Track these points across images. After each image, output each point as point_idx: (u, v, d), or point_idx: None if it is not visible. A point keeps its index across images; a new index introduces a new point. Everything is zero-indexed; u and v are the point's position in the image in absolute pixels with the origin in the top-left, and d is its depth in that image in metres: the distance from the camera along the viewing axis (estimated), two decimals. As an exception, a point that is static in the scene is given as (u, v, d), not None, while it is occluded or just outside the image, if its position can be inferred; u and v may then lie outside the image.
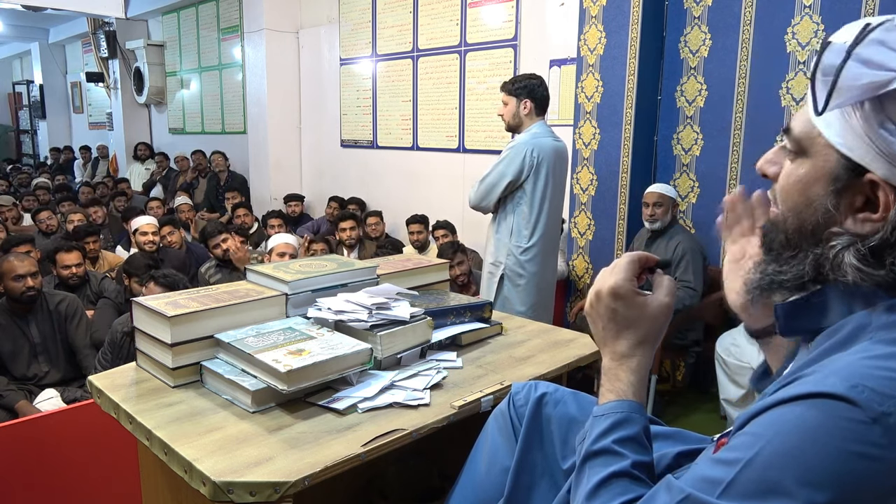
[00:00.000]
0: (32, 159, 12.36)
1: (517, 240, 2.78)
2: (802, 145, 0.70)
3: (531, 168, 2.71)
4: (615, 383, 0.82)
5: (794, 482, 0.57)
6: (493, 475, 1.10)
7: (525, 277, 2.80)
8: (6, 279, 2.80)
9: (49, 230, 5.01)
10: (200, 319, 1.29)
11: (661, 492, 0.67)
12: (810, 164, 0.69)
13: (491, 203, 2.80)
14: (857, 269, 0.65)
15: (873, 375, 0.58)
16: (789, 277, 0.71)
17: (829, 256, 0.67)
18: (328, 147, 5.92)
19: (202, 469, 0.98)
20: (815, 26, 2.91)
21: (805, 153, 0.70)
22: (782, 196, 0.73)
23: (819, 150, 0.68)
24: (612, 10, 3.37)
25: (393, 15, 5.06)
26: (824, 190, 0.67)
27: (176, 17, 7.95)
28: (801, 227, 0.70)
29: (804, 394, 0.60)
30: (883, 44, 0.62)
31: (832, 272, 0.67)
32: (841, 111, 0.65)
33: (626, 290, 0.83)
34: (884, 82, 0.61)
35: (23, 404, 2.61)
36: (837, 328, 0.68)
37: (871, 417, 0.56)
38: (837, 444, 0.57)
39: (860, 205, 0.66)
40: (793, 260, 0.71)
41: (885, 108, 0.63)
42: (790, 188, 0.71)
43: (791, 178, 0.71)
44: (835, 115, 0.65)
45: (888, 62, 0.61)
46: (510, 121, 2.83)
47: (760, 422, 0.63)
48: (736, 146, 3.25)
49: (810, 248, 0.69)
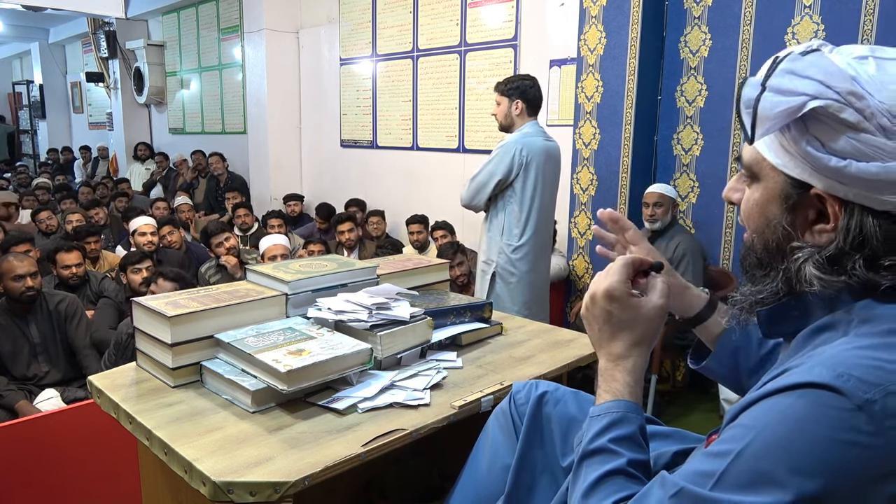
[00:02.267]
0: (32, 159, 12.37)
1: (508, 238, 2.80)
2: (753, 171, 0.75)
3: (520, 167, 2.73)
4: (611, 384, 0.83)
5: (785, 471, 0.59)
6: (494, 473, 1.11)
7: (516, 276, 2.81)
8: (6, 279, 2.80)
9: (49, 230, 5.01)
10: (200, 319, 1.29)
11: (656, 487, 0.68)
12: (763, 187, 0.74)
13: (481, 202, 2.82)
14: (819, 279, 0.68)
15: (858, 364, 0.60)
16: (766, 295, 0.75)
17: (794, 269, 0.71)
18: (328, 147, 5.92)
19: (202, 469, 0.98)
20: (815, 26, 2.91)
21: (757, 178, 0.75)
22: (746, 220, 0.78)
23: (767, 174, 0.73)
24: (612, 10, 3.37)
25: (393, 15, 5.06)
26: (779, 209, 0.72)
27: (176, 17, 7.95)
28: (766, 246, 0.75)
29: (792, 384, 0.62)
30: (792, 72, 0.68)
31: (799, 284, 0.71)
32: (774, 135, 0.70)
33: (621, 293, 0.84)
34: (798, 106, 0.66)
35: (23, 404, 2.60)
36: (822, 325, 0.71)
37: (856, 405, 0.58)
38: (825, 433, 0.58)
39: (814, 217, 0.71)
40: (766, 279, 0.75)
41: (808, 127, 0.68)
42: (750, 211, 0.76)
43: (750, 202, 0.76)
44: (771, 139, 0.71)
45: (799, 88, 0.66)
46: (502, 121, 2.87)
47: (750, 414, 0.64)
48: (736, 146, 3.25)
49: (778, 265, 0.73)
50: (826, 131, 0.66)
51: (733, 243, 3.34)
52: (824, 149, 0.67)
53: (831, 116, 0.65)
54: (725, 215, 3.34)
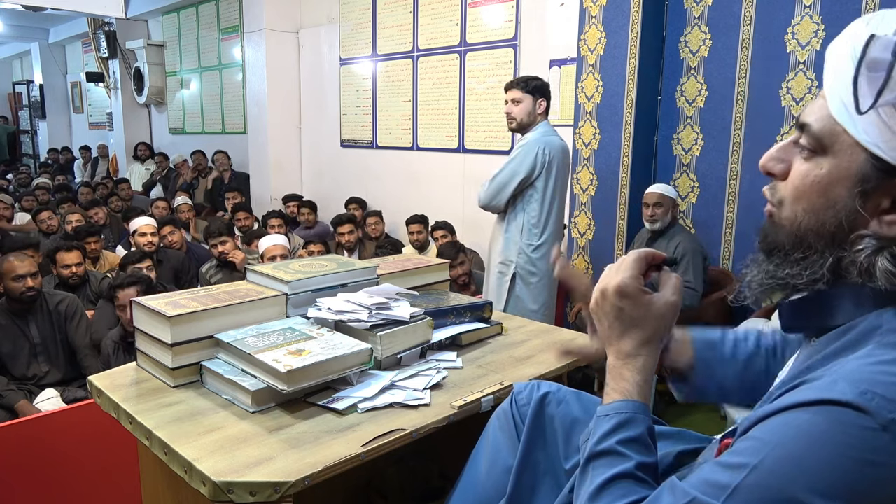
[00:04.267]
0: (32, 159, 12.36)
1: (528, 238, 2.80)
2: (824, 143, 0.66)
3: (543, 165, 2.74)
4: (620, 383, 0.81)
5: (804, 491, 0.56)
6: (495, 475, 1.10)
7: (537, 276, 2.81)
8: (6, 279, 2.80)
9: (49, 230, 5.02)
10: (200, 319, 1.29)
11: (665, 494, 0.66)
12: (832, 164, 0.65)
13: (502, 202, 2.81)
14: (891, 273, 0.63)
15: (883, 382, 0.57)
16: (805, 280, 0.68)
17: (858, 260, 0.64)
18: (328, 147, 5.92)
19: (202, 469, 0.98)
20: (815, 26, 2.91)
21: (825, 151, 0.66)
22: (795, 196, 0.69)
23: (843, 149, 0.64)
24: (612, 10, 3.37)
25: (393, 15, 5.06)
26: (849, 191, 0.64)
27: (176, 17, 7.95)
28: (820, 228, 0.67)
29: (812, 400, 0.59)
30: None
31: (860, 276, 0.64)
32: (874, 109, 0.61)
33: (633, 289, 0.81)
34: None
35: (23, 404, 2.61)
36: (847, 328, 0.67)
37: (880, 425, 0.55)
38: (847, 453, 0.56)
39: (887, 207, 0.64)
40: (804, 261, 0.68)
41: None
42: (807, 188, 0.68)
43: (808, 177, 0.67)
44: (868, 113, 0.62)
45: None
46: (523, 119, 2.82)
47: (766, 427, 0.61)
48: (736, 146, 3.25)
49: (827, 250, 0.67)
50: None
51: (733, 243, 3.34)
52: None
53: None
54: (725, 215, 3.34)
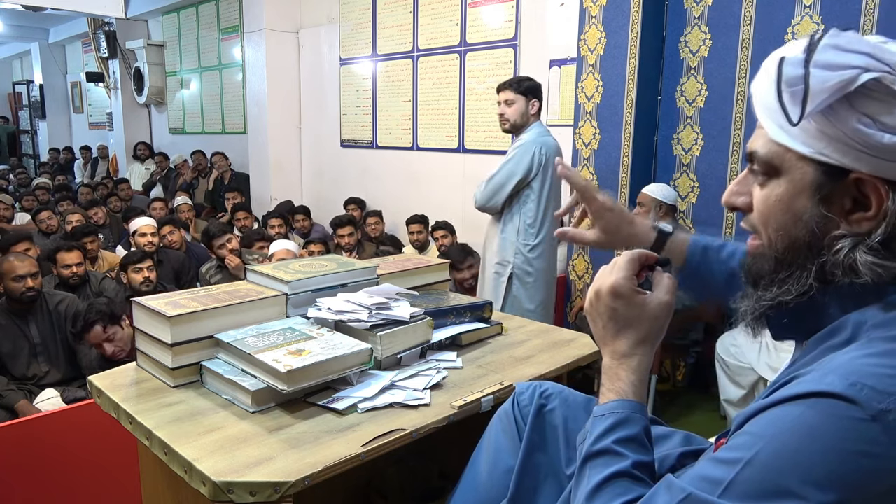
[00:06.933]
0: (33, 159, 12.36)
1: (525, 238, 2.81)
2: (773, 164, 0.70)
3: (540, 166, 2.75)
4: (616, 383, 0.81)
5: (798, 483, 0.57)
6: (496, 476, 1.09)
7: (533, 275, 2.83)
8: (6, 279, 2.80)
9: (49, 230, 5.02)
10: (200, 319, 1.29)
11: (662, 491, 0.66)
12: (787, 180, 0.69)
13: (499, 203, 2.82)
14: (874, 265, 0.64)
15: (872, 373, 0.59)
16: (794, 295, 0.70)
17: (838, 260, 0.66)
18: (328, 147, 5.92)
19: (202, 469, 0.98)
20: (815, 26, 2.90)
21: (778, 172, 0.70)
22: (763, 220, 0.72)
23: (793, 165, 0.68)
24: (612, 10, 3.37)
25: (393, 15, 5.06)
26: (810, 201, 0.68)
27: (176, 17, 7.94)
28: (794, 244, 0.69)
29: (803, 393, 0.60)
30: (837, 47, 0.64)
31: (845, 275, 0.66)
32: (807, 121, 0.65)
33: (626, 289, 0.82)
34: (851, 79, 0.63)
35: (23, 404, 2.61)
36: (835, 328, 0.68)
37: (870, 415, 0.56)
38: (838, 444, 0.57)
39: (850, 206, 0.66)
40: (789, 280, 0.70)
41: (854, 105, 0.64)
42: (771, 209, 0.71)
43: (770, 199, 0.71)
44: (801, 127, 0.66)
45: (848, 62, 0.63)
46: (517, 120, 2.85)
47: (759, 422, 0.63)
48: (736, 146, 3.25)
49: (807, 262, 0.69)
50: (877, 106, 0.63)
51: (733, 243, 3.34)
52: (875, 125, 0.63)
53: (884, 89, 0.63)
54: (725, 215, 3.34)
